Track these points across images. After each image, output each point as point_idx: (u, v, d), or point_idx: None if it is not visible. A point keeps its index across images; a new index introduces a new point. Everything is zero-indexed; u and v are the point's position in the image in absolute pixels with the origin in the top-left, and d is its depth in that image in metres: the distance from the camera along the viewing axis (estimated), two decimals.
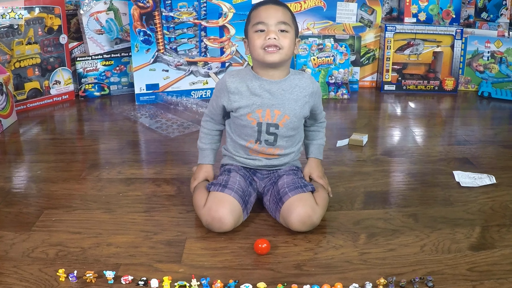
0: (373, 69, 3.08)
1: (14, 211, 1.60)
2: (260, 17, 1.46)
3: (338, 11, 2.95)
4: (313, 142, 1.68)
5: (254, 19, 1.47)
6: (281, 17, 1.45)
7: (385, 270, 1.30)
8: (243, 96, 1.51)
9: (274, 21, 1.44)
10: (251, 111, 1.50)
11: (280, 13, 1.46)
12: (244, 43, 1.54)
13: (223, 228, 1.44)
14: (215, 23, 2.74)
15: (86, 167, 1.94)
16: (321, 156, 1.69)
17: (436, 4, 2.97)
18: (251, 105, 1.50)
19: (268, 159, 1.57)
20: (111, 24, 2.81)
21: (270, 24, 1.44)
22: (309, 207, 1.44)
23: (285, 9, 1.49)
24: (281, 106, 1.51)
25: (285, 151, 1.57)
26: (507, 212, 1.60)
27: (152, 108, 2.64)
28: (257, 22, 1.46)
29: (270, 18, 1.45)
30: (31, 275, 1.28)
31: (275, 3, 1.49)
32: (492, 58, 2.95)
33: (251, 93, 1.50)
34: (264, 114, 1.50)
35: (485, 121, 2.59)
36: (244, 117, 1.51)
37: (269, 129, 1.52)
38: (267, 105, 1.50)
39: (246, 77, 1.52)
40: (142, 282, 1.24)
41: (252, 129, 1.52)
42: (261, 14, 1.46)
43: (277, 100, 1.51)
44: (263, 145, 1.54)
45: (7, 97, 2.37)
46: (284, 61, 1.49)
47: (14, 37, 2.53)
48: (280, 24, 1.45)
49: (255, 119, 1.51)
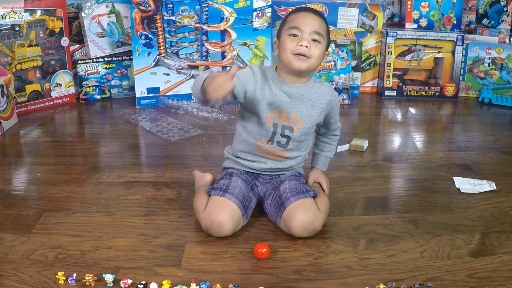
0: (374, 75, 3.08)
1: (13, 213, 1.60)
2: (297, 22, 1.45)
3: (340, 16, 2.96)
4: (321, 153, 1.71)
5: (290, 23, 1.47)
6: (317, 26, 1.45)
7: (384, 276, 1.30)
8: (265, 94, 1.50)
9: (309, 29, 1.44)
10: (268, 111, 1.51)
11: (316, 22, 1.46)
12: (274, 44, 1.54)
13: (223, 233, 1.44)
14: (217, 27, 2.74)
15: (86, 170, 1.94)
16: (325, 168, 1.73)
17: (437, 10, 2.98)
18: (270, 104, 1.50)
19: (274, 161, 1.57)
20: (112, 27, 2.82)
21: (305, 32, 1.44)
22: (311, 213, 1.44)
23: (322, 20, 1.49)
24: (298, 111, 1.51)
25: (293, 154, 1.57)
26: (507, 219, 1.60)
27: (152, 112, 2.64)
28: (293, 26, 1.45)
29: (306, 25, 1.44)
30: (30, 277, 1.27)
31: (313, 12, 1.49)
32: (493, 64, 2.95)
33: (271, 93, 1.50)
34: (281, 115, 1.51)
35: (485, 127, 2.59)
36: (262, 115, 1.51)
37: (284, 131, 1.53)
38: (285, 107, 1.51)
39: (269, 77, 1.52)
40: (141, 285, 1.24)
41: (267, 129, 1.52)
42: (298, 19, 1.46)
43: (295, 104, 1.51)
44: (274, 145, 1.54)
45: (8, 99, 2.38)
46: (310, 70, 1.49)
47: (16, 39, 2.54)
48: (314, 34, 1.44)
49: (272, 120, 1.51)
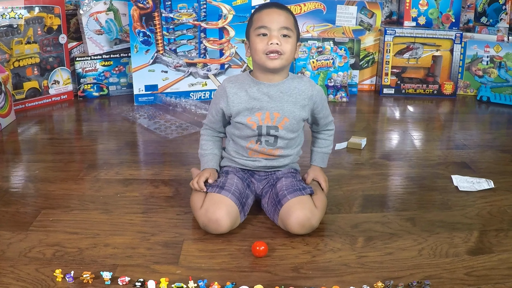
0: (372, 73, 3.08)
1: (11, 211, 1.60)
2: (263, 21, 1.44)
3: (338, 14, 2.96)
4: (317, 150, 1.67)
5: (257, 23, 1.46)
6: (284, 22, 1.44)
7: (382, 274, 1.30)
8: (242, 101, 1.51)
9: (277, 26, 1.43)
10: (250, 115, 1.51)
11: (283, 18, 1.45)
12: (245, 45, 1.54)
13: (220, 230, 1.44)
14: (215, 25, 2.74)
15: (84, 167, 1.94)
16: (324, 164, 1.69)
17: (436, 8, 2.98)
18: (250, 109, 1.50)
19: (268, 160, 1.57)
20: (110, 25, 2.81)
21: (273, 29, 1.43)
22: (308, 210, 1.44)
23: (288, 13, 1.48)
24: (280, 109, 1.51)
25: (285, 152, 1.57)
26: (505, 217, 1.60)
27: (150, 109, 2.64)
28: (260, 26, 1.45)
29: (273, 23, 1.43)
30: (28, 275, 1.27)
31: (278, 7, 1.47)
32: (491, 62, 2.95)
33: (250, 98, 1.51)
34: (263, 117, 1.51)
35: (483, 125, 2.59)
36: (244, 121, 1.51)
37: (269, 131, 1.52)
38: (266, 108, 1.50)
39: (245, 82, 1.52)
40: (139, 283, 1.24)
41: (252, 132, 1.52)
42: (264, 18, 1.45)
43: (276, 103, 1.51)
44: (263, 145, 1.54)
45: (5, 96, 2.37)
46: (285, 66, 1.49)
47: (14, 36, 2.53)
48: (282, 29, 1.44)
49: (255, 122, 1.51)
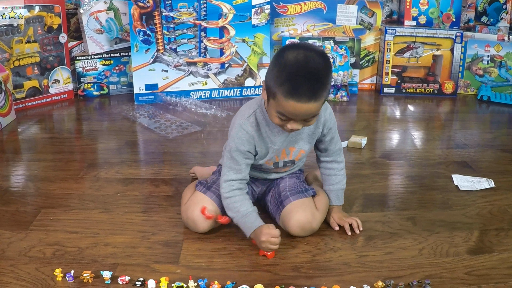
0: (372, 72, 3.08)
1: (11, 210, 1.60)
2: (288, 112, 1.25)
3: (338, 13, 2.95)
4: (330, 188, 1.54)
5: (279, 105, 1.24)
6: (312, 113, 1.27)
7: (383, 273, 1.30)
8: (263, 148, 1.42)
9: (302, 118, 1.27)
10: (269, 158, 1.46)
11: (313, 111, 1.25)
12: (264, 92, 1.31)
13: (197, 230, 1.44)
14: (215, 24, 2.73)
15: (84, 166, 1.94)
16: (340, 201, 1.54)
17: (436, 8, 2.97)
18: (270, 153, 1.44)
19: (278, 173, 1.55)
20: (111, 24, 2.81)
21: (297, 120, 1.28)
22: (309, 213, 1.44)
23: (319, 100, 1.24)
24: (295, 143, 1.46)
25: (295, 165, 1.55)
26: (506, 216, 1.60)
27: (151, 108, 2.64)
28: (281, 112, 1.26)
29: (298, 116, 1.26)
30: (28, 274, 1.27)
31: (309, 99, 1.22)
32: (491, 62, 2.95)
33: (270, 141, 1.42)
34: (280, 154, 1.47)
35: (484, 125, 2.59)
36: (262, 162, 1.47)
37: (286, 164, 1.51)
38: (282, 146, 1.45)
39: (263, 124, 1.40)
40: (139, 282, 1.24)
41: (268, 167, 1.49)
42: (289, 110, 1.24)
43: (292, 138, 1.45)
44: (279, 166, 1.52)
45: (6, 96, 2.37)
46: None
47: (14, 35, 2.53)
48: (308, 117, 1.28)
49: (272, 161, 1.48)
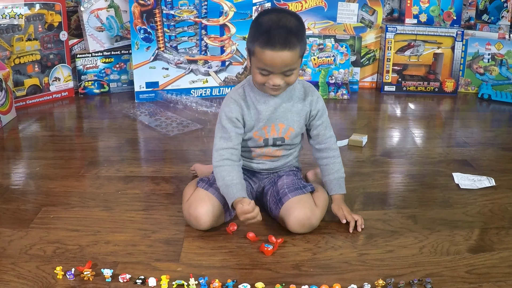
0: (373, 70, 3.07)
1: (12, 208, 1.60)
2: (266, 63, 1.32)
3: (339, 11, 2.95)
4: (330, 178, 1.54)
5: (258, 59, 1.33)
6: (289, 63, 1.32)
7: (383, 272, 1.30)
8: (252, 118, 1.46)
9: (280, 70, 1.33)
10: (257, 129, 1.48)
11: (288, 60, 1.31)
12: (247, 58, 1.43)
13: (200, 227, 1.44)
14: (216, 22, 2.73)
15: (84, 164, 1.94)
16: (343, 189, 1.54)
17: (437, 6, 2.97)
18: (257, 123, 1.47)
19: (272, 161, 1.56)
20: (111, 22, 2.80)
21: (276, 71, 1.34)
22: (308, 209, 1.43)
23: (293, 49, 1.31)
24: (284, 120, 1.48)
25: (287, 152, 1.56)
26: (506, 215, 1.60)
27: (151, 106, 2.64)
28: (261, 67, 1.34)
29: (275, 67, 1.32)
30: (29, 272, 1.27)
31: (283, 47, 1.29)
32: (492, 60, 2.95)
33: (257, 112, 1.46)
34: (269, 129, 1.48)
35: (485, 123, 2.58)
36: (251, 135, 1.49)
37: (276, 142, 1.51)
38: (272, 120, 1.47)
39: (250, 95, 1.46)
40: (140, 280, 1.24)
41: (258, 144, 1.51)
42: (266, 60, 1.31)
43: (280, 114, 1.47)
44: (268, 148, 1.53)
45: (6, 93, 2.37)
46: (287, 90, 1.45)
47: (14, 33, 2.52)
48: (285, 69, 1.34)
49: (262, 136, 1.49)
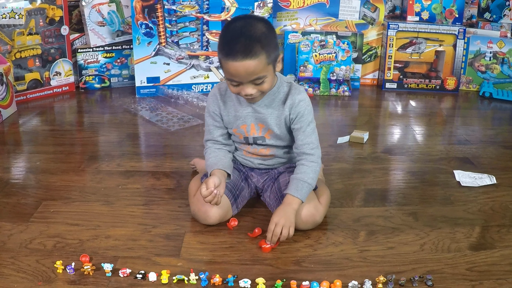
0: (375, 67, 3.07)
1: (12, 202, 1.60)
2: (231, 74, 1.31)
3: (341, 8, 2.94)
4: (292, 176, 1.44)
5: (225, 70, 1.33)
6: (253, 71, 1.29)
7: (384, 268, 1.30)
8: (229, 113, 1.48)
9: (247, 79, 1.31)
10: (236, 127, 1.49)
11: (252, 69, 1.29)
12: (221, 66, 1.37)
13: (208, 221, 1.44)
14: (218, 17, 2.72)
15: (85, 159, 1.93)
16: (299, 194, 1.40)
17: (439, 3, 2.96)
18: (235, 121, 1.48)
19: (263, 159, 1.55)
20: (113, 16, 2.80)
21: (243, 81, 1.32)
22: (311, 206, 1.43)
23: (255, 57, 1.27)
24: (263, 121, 1.47)
25: (277, 152, 1.53)
26: (507, 213, 1.60)
27: (152, 101, 2.63)
28: (229, 78, 1.33)
29: (241, 77, 1.31)
30: (29, 266, 1.27)
31: (243, 56, 1.27)
32: (494, 58, 2.94)
33: (234, 109, 1.47)
34: (248, 128, 1.48)
35: (486, 121, 2.58)
36: (231, 131, 1.51)
37: (256, 141, 1.51)
38: (250, 119, 1.47)
39: (229, 93, 1.47)
40: (140, 275, 1.24)
41: (240, 141, 1.52)
42: (231, 71, 1.30)
43: (259, 114, 1.46)
44: (254, 147, 1.53)
45: (7, 88, 2.36)
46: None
47: (15, 27, 2.52)
48: (254, 78, 1.31)
49: (241, 134, 1.50)
